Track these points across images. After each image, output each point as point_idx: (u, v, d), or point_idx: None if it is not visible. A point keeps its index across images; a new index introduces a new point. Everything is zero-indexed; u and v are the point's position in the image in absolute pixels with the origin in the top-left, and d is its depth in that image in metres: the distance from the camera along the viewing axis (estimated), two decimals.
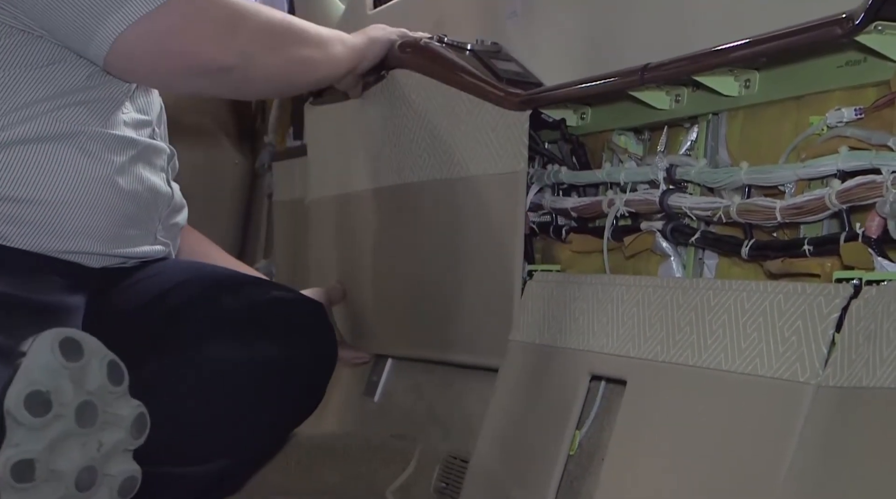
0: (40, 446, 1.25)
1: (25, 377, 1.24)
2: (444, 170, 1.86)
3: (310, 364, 1.68)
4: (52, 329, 1.27)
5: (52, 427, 1.26)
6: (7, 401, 1.23)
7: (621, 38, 1.62)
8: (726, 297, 1.31)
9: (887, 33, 1.21)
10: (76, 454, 1.28)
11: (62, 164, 1.55)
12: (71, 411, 1.27)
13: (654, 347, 1.39)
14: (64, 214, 1.55)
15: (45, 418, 1.25)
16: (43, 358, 1.25)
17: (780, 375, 1.19)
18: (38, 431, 1.25)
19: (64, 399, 1.26)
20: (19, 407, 1.23)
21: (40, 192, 1.53)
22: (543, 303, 1.65)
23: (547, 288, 1.66)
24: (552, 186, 1.78)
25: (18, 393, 1.23)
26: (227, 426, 1.59)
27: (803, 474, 1.11)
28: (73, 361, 1.27)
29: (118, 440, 1.32)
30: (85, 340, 1.29)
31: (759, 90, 1.43)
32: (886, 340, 1.09)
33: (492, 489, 1.61)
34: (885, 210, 1.18)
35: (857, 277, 1.19)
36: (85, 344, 1.29)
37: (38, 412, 1.24)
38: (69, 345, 1.27)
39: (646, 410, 1.36)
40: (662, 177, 1.54)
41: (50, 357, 1.25)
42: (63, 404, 1.26)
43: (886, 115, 1.25)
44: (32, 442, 1.25)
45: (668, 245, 1.56)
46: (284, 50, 1.64)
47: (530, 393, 1.61)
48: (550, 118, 1.76)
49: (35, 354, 1.25)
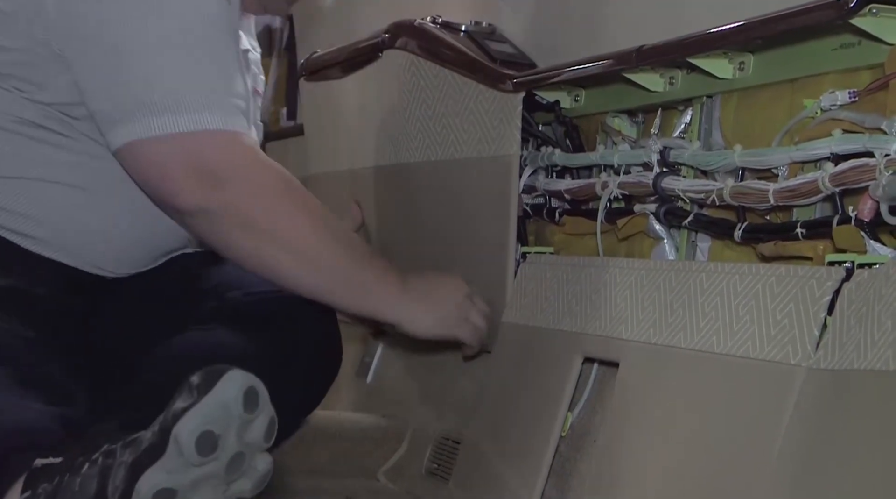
0: (187, 481, 1.23)
1: (204, 414, 1.22)
2: (438, 151, 1.85)
3: (313, 364, 1.69)
4: (238, 371, 1.24)
5: (205, 468, 1.24)
6: (179, 429, 1.21)
7: (616, 20, 1.62)
8: (719, 279, 1.31)
9: (882, 16, 1.21)
10: (209, 495, 1.27)
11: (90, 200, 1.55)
12: (226, 458, 1.25)
13: (647, 329, 1.39)
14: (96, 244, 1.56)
15: (205, 458, 1.23)
16: (226, 400, 1.22)
17: (771, 357, 1.19)
18: (193, 467, 1.23)
19: (226, 445, 1.24)
20: (190, 441, 1.21)
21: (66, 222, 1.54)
22: (537, 285, 1.65)
23: (540, 270, 1.66)
24: (546, 169, 1.78)
25: (194, 428, 1.21)
26: None
27: (794, 456, 1.12)
28: (249, 412, 1.24)
29: (243, 490, 1.30)
30: (262, 394, 1.26)
31: (754, 73, 1.43)
32: (878, 323, 1.09)
33: (484, 469, 1.62)
34: (878, 193, 1.18)
35: (850, 260, 1.20)
36: (261, 397, 1.26)
37: (203, 452, 1.22)
38: (251, 395, 1.24)
39: (638, 391, 1.37)
40: (656, 159, 1.54)
41: (233, 402, 1.23)
42: (223, 450, 1.24)
43: (880, 99, 1.25)
44: (182, 475, 1.23)
45: (662, 228, 1.56)
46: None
47: (523, 375, 1.61)
48: (544, 100, 1.76)
49: (220, 394, 1.22)
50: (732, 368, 1.24)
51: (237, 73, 1.51)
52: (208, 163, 1.43)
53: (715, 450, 1.22)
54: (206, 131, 1.43)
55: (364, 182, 2.07)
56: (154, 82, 1.42)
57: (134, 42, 1.42)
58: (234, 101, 1.47)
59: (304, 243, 1.52)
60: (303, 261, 1.53)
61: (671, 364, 1.33)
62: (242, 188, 1.46)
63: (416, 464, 1.86)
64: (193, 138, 1.43)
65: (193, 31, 1.44)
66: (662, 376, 1.34)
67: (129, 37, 1.42)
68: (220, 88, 1.45)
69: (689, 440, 1.26)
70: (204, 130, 1.43)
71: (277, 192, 1.50)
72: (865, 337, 1.10)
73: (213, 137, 1.43)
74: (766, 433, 1.15)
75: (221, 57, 1.48)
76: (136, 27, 1.42)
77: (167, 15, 1.43)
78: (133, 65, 1.42)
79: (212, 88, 1.44)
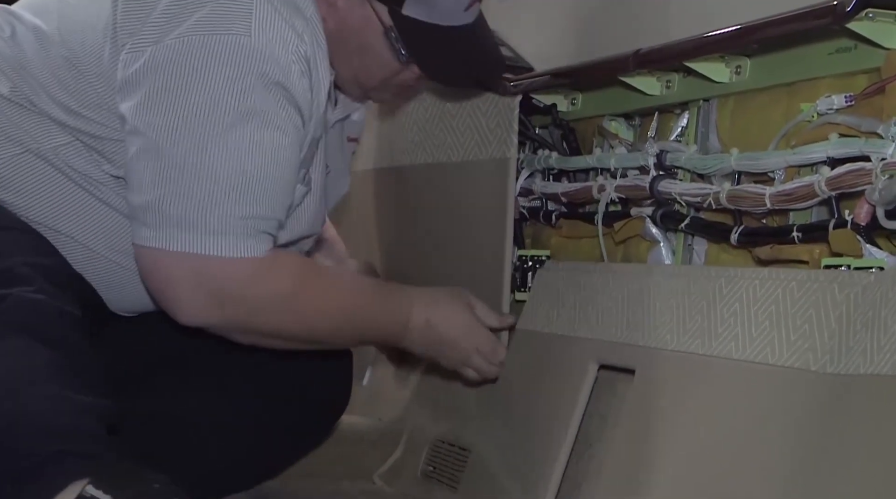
0: None
1: None
2: (434, 154, 1.85)
3: (320, 406, 1.74)
4: None
5: None
6: None
7: (613, 24, 1.62)
8: (738, 285, 1.29)
9: (878, 20, 1.21)
10: None
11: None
12: None
13: (664, 335, 1.37)
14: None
15: None
16: None
17: (791, 364, 1.18)
18: None
19: None
20: None
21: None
22: (552, 291, 1.63)
23: (556, 276, 1.65)
24: (542, 171, 1.78)
25: None
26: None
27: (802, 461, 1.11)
28: None
29: None
30: None
31: (750, 77, 1.43)
32: (884, 328, 1.09)
33: (495, 477, 1.61)
34: (874, 197, 1.19)
35: (846, 264, 1.20)
36: None
37: None
38: None
39: (655, 399, 1.34)
40: (653, 163, 1.54)
41: None
42: None
43: (877, 103, 1.25)
44: None
45: (658, 231, 1.56)
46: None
47: (537, 382, 1.60)
48: (541, 103, 1.76)
49: None
50: (751, 374, 1.22)
51: (284, 194, 1.48)
52: (211, 284, 1.43)
53: (733, 458, 1.20)
54: (213, 256, 1.42)
55: (361, 185, 2.07)
56: (182, 199, 1.41)
57: (185, 159, 1.41)
58: (258, 224, 1.44)
59: (310, 335, 1.56)
60: (313, 342, 1.59)
61: (688, 371, 1.31)
62: (240, 308, 1.46)
63: (411, 467, 1.86)
64: (200, 260, 1.42)
65: (245, 168, 1.42)
66: (680, 383, 1.32)
67: (182, 153, 1.41)
68: (247, 214, 1.43)
69: (706, 448, 1.24)
70: (211, 254, 1.42)
71: (279, 302, 1.49)
72: (872, 342, 1.09)
73: (220, 261, 1.42)
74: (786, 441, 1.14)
75: (268, 184, 1.44)
76: (195, 147, 1.41)
77: (229, 150, 1.41)
78: (173, 177, 1.41)
79: (236, 213, 1.42)
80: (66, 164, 1.50)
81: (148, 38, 1.43)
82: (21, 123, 1.50)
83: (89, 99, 1.49)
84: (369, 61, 1.57)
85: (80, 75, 1.49)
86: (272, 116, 1.43)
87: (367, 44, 1.56)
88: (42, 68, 1.50)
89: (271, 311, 1.48)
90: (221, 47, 1.40)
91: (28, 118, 1.50)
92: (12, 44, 1.53)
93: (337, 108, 1.64)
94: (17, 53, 1.52)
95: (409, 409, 1.97)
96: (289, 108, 1.44)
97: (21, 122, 1.50)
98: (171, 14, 1.43)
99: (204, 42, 1.41)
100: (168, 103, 1.41)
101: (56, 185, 1.51)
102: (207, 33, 1.41)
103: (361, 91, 1.64)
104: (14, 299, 1.34)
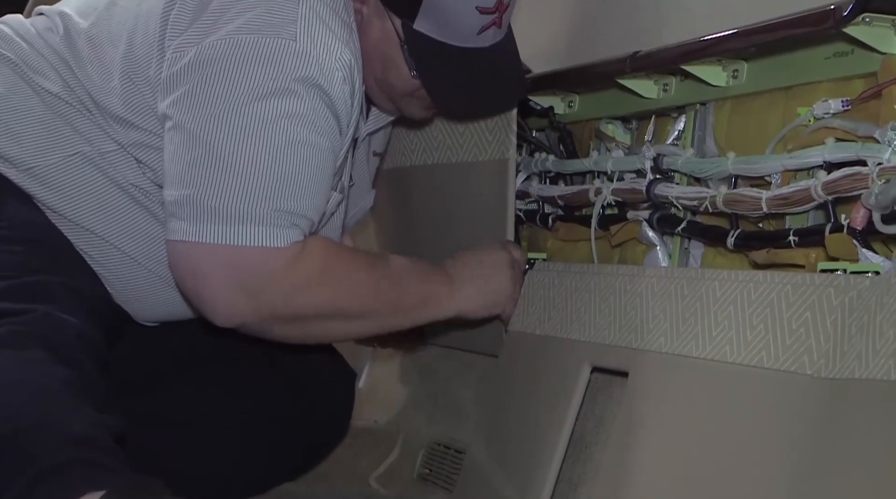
0: None
1: None
2: (433, 155, 1.85)
3: (322, 425, 1.74)
4: None
5: None
6: None
7: (611, 26, 1.62)
8: (733, 288, 1.29)
9: (875, 25, 1.21)
10: None
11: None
12: None
13: (658, 338, 1.36)
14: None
15: None
16: None
17: (786, 367, 1.17)
18: None
19: None
20: None
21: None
22: (545, 293, 1.63)
23: (548, 278, 1.65)
24: (539, 174, 1.78)
25: None
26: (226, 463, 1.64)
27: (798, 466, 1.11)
28: None
29: None
30: None
31: (747, 80, 1.43)
32: (879, 332, 1.09)
33: (490, 480, 1.61)
34: (871, 202, 1.19)
35: (842, 268, 1.20)
36: None
37: None
38: None
39: (649, 402, 1.34)
40: (649, 166, 1.54)
41: None
42: None
43: (873, 107, 1.25)
44: None
45: (655, 234, 1.56)
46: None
47: (530, 384, 1.60)
48: (538, 106, 1.76)
49: None
50: (746, 378, 1.22)
51: (319, 195, 1.47)
52: (244, 275, 1.42)
53: (727, 462, 1.20)
54: (247, 246, 1.41)
55: None
56: (219, 191, 1.41)
57: (223, 152, 1.41)
58: (292, 218, 1.44)
59: (351, 304, 1.53)
60: (354, 324, 1.56)
61: (682, 374, 1.31)
62: (276, 297, 1.45)
63: (407, 469, 1.86)
64: (234, 250, 1.41)
65: (283, 164, 1.42)
66: (673, 385, 1.32)
67: (220, 146, 1.41)
68: (282, 207, 1.42)
69: (700, 452, 1.24)
70: (246, 244, 1.41)
71: (314, 278, 1.47)
72: (867, 346, 1.09)
73: (254, 251, 1.42)
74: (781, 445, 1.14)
75: (304, 181, 1.44)
76: (233, 141, 1.41)
77: (267, 146, 1.41)
78: (210, 169, 1.41)
79: (271, 205, 1.42)
80: (114, 169, 1.51)
81: (193, 38, 1.44)
82: (73, 123, 1.51)
83: (136, 104, 1.49)
84: (391, 74, 1.57)
85: (129, 81, 1.50)
86: (312, 118, 1.43)
87: (388, 57, 1.56)
88: (92, 71, 1.51)
89: (308, 290, 1.47)
90: (267, 48, 1.41)
91: (79, 119, 1.51)
92: (65, 44, 1.53)
93: (369, 120, 1.64)
94: (69, 54, 1.52)
95: (405, 411, 1.97)
96: (328, 114, 1.44)
97: (73, 122, 1.51)
98: (217, 16, 1.44)
99: (250, 42, 1.41)
100: (209, 97, 1.41)
101: (102, 189, 1.52)
102: (254, 34, 1.42)
103: (391, 104, 1.64)
104: (41, 314, 1.35)
